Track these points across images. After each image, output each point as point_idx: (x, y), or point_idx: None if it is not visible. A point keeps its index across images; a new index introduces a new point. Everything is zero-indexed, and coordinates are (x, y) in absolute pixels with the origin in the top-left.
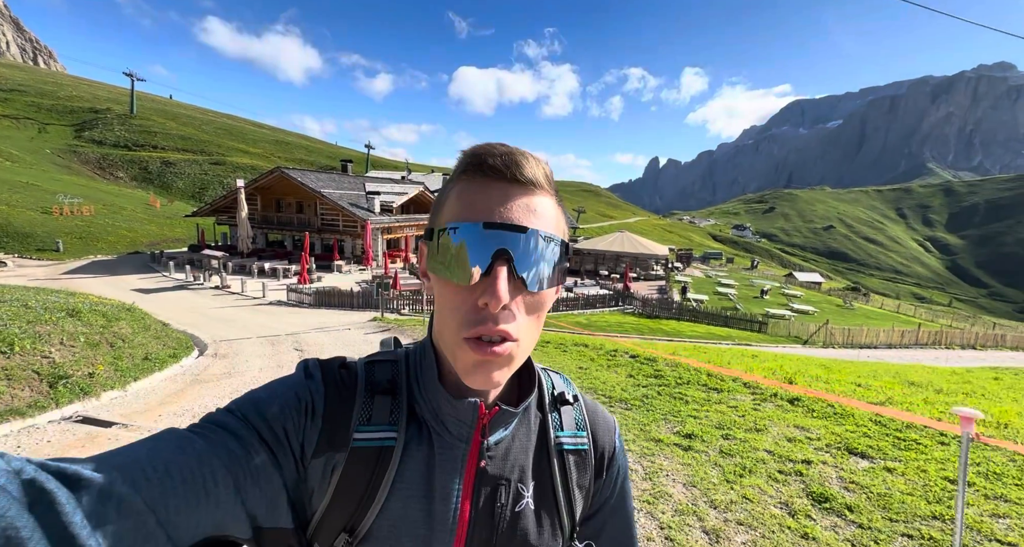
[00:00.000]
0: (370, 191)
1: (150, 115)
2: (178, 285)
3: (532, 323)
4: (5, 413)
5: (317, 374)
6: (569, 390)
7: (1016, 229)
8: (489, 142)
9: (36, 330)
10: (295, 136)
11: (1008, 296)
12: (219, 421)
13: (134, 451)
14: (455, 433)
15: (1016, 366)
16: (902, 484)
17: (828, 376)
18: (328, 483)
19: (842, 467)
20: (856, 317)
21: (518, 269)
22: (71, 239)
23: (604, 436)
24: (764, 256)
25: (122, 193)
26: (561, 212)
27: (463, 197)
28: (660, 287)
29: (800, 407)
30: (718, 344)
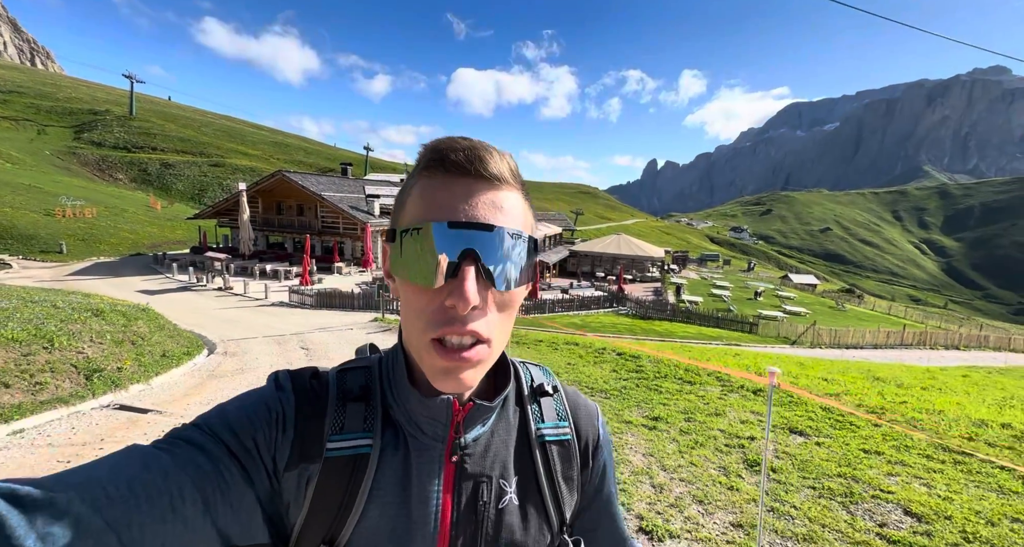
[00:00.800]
0: (370, 194)
1: (149, 117)
2: (182, 287)
3: (503, 321)
4: (53, 401)
5: (287, 385)
6: (548, 381)
7: (1011, 232)
8: (451, 136)
9: (69, 328)
10: (294, 138)
11: (1003, 298)
12: (186, 436)
13: (94, 469)
14: (430, 433)
15: (992, 365)
16: (823, 453)
17: (799, 372)
18: (304, 496)
19: (780, 442)
20: (847, 318)
21: (486, 268)
22: (74, 241)
23: (587, 425)
24: (761, 258)
25: (122, 195)
26: (528, 206)
27: (425, 195)
28: (656, 289)
29: (762, 396)
30: (707, 344)
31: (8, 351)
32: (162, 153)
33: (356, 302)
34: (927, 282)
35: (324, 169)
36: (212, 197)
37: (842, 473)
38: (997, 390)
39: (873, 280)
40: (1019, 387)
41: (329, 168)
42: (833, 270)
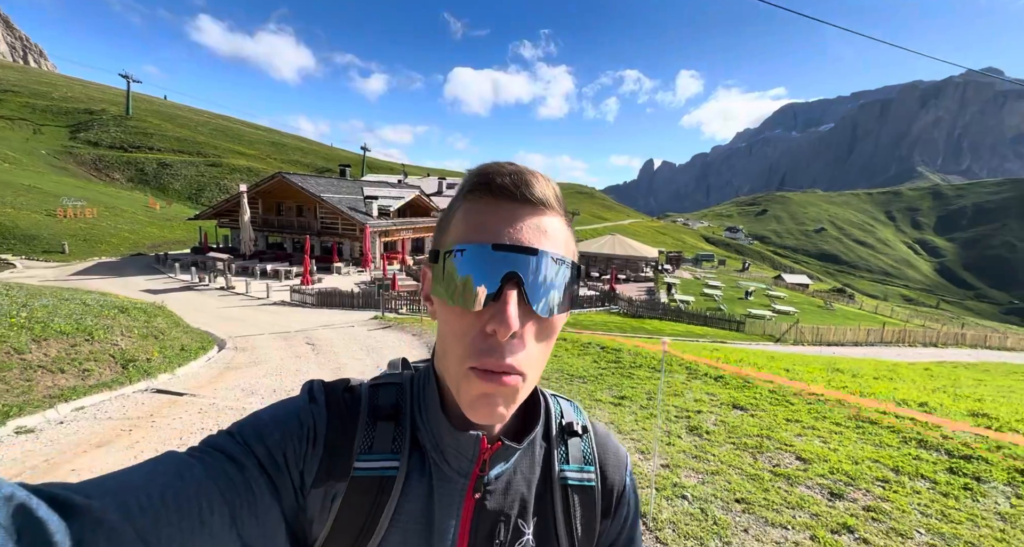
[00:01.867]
0: (368, 195)
1: (145, 116)
2: (184, 286)
3: (541, 352)
4: (100, 385)
5: (321, 398)
6: (579, 420)
7: (1002, 232)
8: (496, 161)
9: (103, 323)
10: (291, 137)
11: (994, 298)
12: (220, 445)
13: (130, 476)
14: (454, 466)
15: (961, 361)
16: (753, 421)
17: (767, 363)
18: (328, 513)
19: (722, 415)
20: (834, 317)
21: (528, 293)
22: (75, 241)
23: (614, 472)
24: (756, 258)
25: (120, 195)
26: (571, 233)
27: (470, 217)
28: (649, 288)
29: (720, 382)
30: (693, 341)
31: (59, 342)
32: (159, 153)
33: (356, 301)
34: (920, 282)
35: (321, 169)
36: (209, 197)
37: (761, 434)
38: (947, 380)
39: (867, 280)
40: (971, 378)
41: (326, 168)
42: (828, 270)
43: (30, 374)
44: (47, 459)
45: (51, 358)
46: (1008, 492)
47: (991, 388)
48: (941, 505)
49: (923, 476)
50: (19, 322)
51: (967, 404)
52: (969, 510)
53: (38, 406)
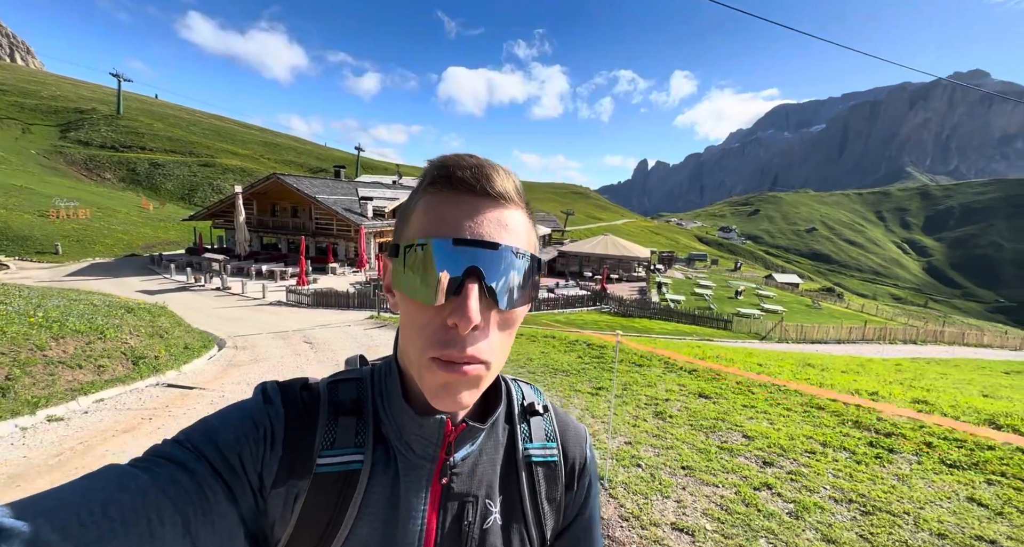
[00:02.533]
0: (363, 197)
1: (137, 116)
2: (180, 287)
3: (503, 341)
4: (114, 380)
5: (276, 398)
6: (539, 400)
7: (989, 232)
8: (457, 153)
9: (112, 322)
10: (284, 137)
11: (981, 297)
12: (166, 454)
13: (66, 492)
14: (420, 452)
15: (935, 357)
16: (714, 407)
17: (742, 359)
18: (291, 512)
19: (687, 402)
20: (820, 316)
21: (489, 287)
22: (69, 242)
23: (574, 447)
24: (748, 258)
25: (113, 195)
26: (532, 225)
27: (431, 211)
28: (641, 288)
29: (693, 375)
30: (680, 338)
31: (75, 340)
32: (151, 153)
33: (352, 301)
34: (909, 281)
35: (315, 169)
36: (202, 197)
37: (717, 417)
38: (912, 374)
39: (857, 279)
40: (937, 372)
41: (320, 168)
42: (819, 269)
43: (52, 369)
44: (81, 442)
45: (69, 355)
46: (912, 460)
47: (951, 381)
48: (851, 470)
49: (846, 448)
50: (37, 321)
51: (915, 393)
52: (873, 473)
53: (62, 398)
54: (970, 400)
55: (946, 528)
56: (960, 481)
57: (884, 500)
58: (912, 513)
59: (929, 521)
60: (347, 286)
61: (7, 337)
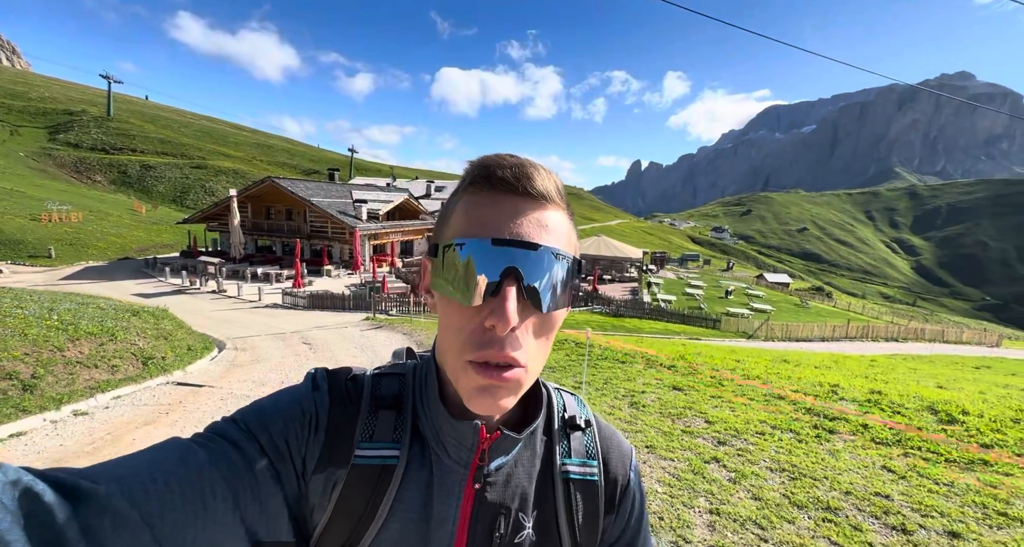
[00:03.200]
0: (357, 199)
1: (127, 117)
2: (176, 290)
3: (541, 346)
4: (127, 379)
5: (324, 385)
6: (582, 413)
7: (974, 231)
8: (498, 153)
9: (121, 325)
10: (277, 139)
11: (968, 295)
12: (223, 431)
13: (135, 462)
14: (454, 456)
15: (912, 353)
16: (684, 398)
17: (723, 356)
18: (328, 500)
19: (660, 394)
20: (808, 315)
21: (528, 289)
22: (61, 246)
23: (617, 466)
24: (740, 258)
25: (104, 198)
26: (572, 227)
27: (470, 211)
28: (633, 288)
29: (672, 370)
30: (668, 337)
31: (89, 342)
32: (142, 155)
33: (347, 303)
34: (898, 280)
35: (308, 170)
36: (195, 199)
37: (686, 406)
38: (882, 369)
39: (847, 278)
40: (908, 367)
41: (313, 170)
42: (810, 269)
43: (71, 368)
44: (109, 433)
45: (85, 355)
46: (848, 439)
47: (919, 375)
48: (792, 447)
49: (792, 430)
50: (53, 324)
51: (874, 385)
52: (809, 449)
53: (83, 395)
54: (921, 390)
55: (854, 488)
56: (881, 454)
57: (811, 469)
58: (831, 478)
59: (842, 483)
60: (342, 288)
61: (29, 339)
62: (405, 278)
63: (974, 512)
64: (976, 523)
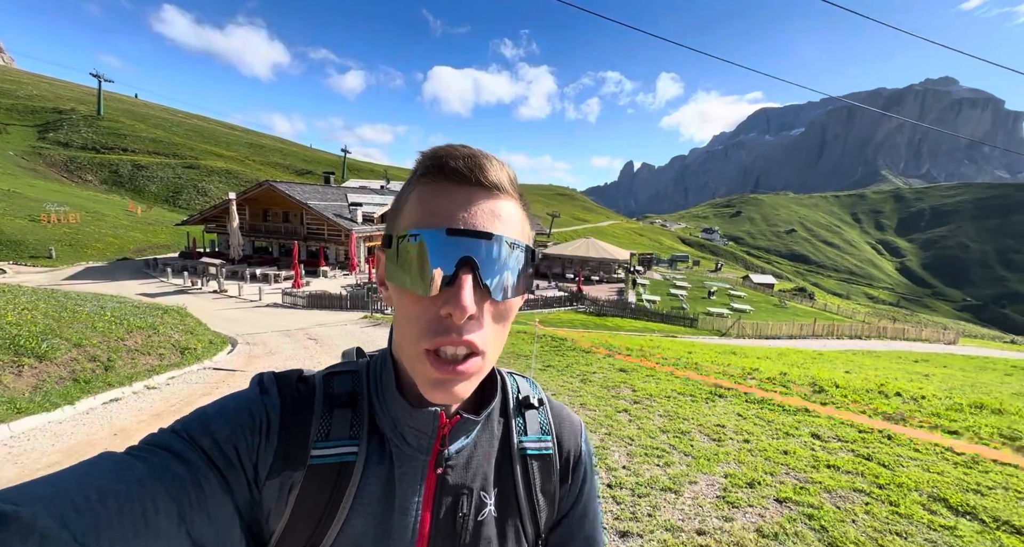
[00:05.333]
0: (352, 202)
1: (117, 116)
2: (178, 290)
3: (498, 332)
4: (172, 365)
5: (272, 389)
6: (534, 394)
7: (956, 233)
8: (450, 143)
9: (158, 321)
10: (269, 138)
11: (950, 296)
12: (162, 443)
13: (62, 479)
14: (414, 444)
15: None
16: (625, 376)
17: (677, 348)
18: (285, 504)
19: (607, 374)
20: (785, 314)
21: (483, 277)
22: (61, 246)
23: (569, 439)
24: (729, 259)
25: (99, 198)
26: (526, 216)
27: (423, 202)
28: (619, 289)
29: (625, 359)
30: (643, 334)
31: (140, 334)
32: (133, 154)
33: (345, 303)
34: (883, 281)
35: (301, 170)
36: (187, 200)
37: (622, 381)
38: (826, 362)
39: (834, 279)
40: (846, 359)
41: (306, 170)
42: (798, 270)
43: (132, 355)
44: (180, 400)
45: (139, 345)
46: (729, 400)
47: (852, 365)
48: (684, 404)
49: (691, 395)
50: (110, 319)
51: (785, 369)
52: (695, 406)
53: (145, 376)
54: (821, 373)
55: (706, 422)
56: (741, 408)
57: (685, 415)
58: (694, 419)
59: (700, 421)
60: (339, 289)
61: (99, 331)
62: None
63: (768, 433)
64: (767, 437)
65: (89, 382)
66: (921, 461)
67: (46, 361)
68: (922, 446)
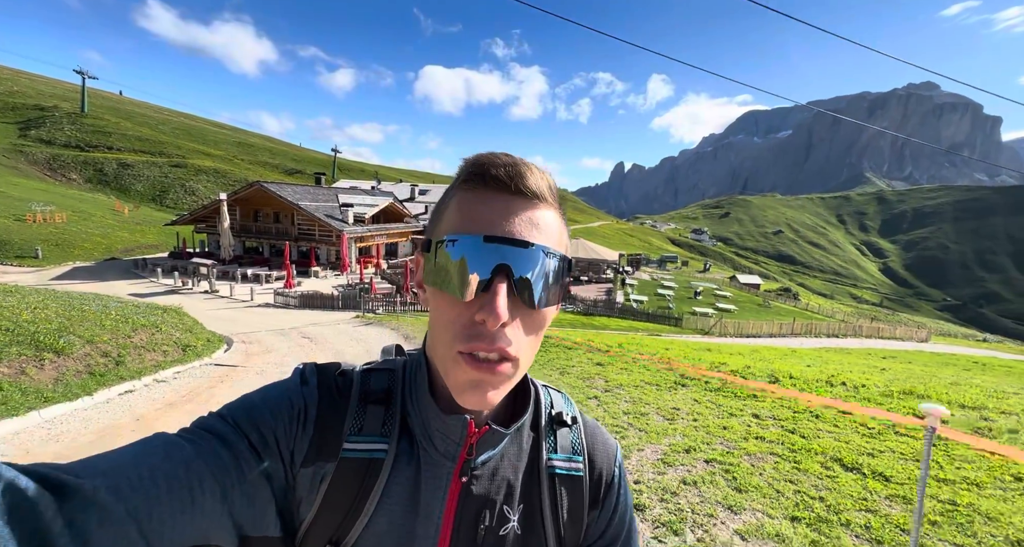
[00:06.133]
0: (344, 203)
1: (102, 114)
2: (169, 290)
3: (530, 342)
4: (176, 361)
5: (313, 380)
6: (568, 410)
7: (937, 235)
8: (492, 151)
9: (160, 319)
10: (258, 137)
11: (931, 296)
12: (210, 426)
13: (120, 456)
14: (441, 450)
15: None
16: (600, 368)
17: (655, 345)
18: (316, 493)
19: (585, 367)
20: (768, 313)
21: (519, 285)
22: (48, 246)
23: (602, 461)
24: (718, 259)
25: (84, 197)
26: (564, 226)
27: (463, 208)
28: (608, 289)
29: (605, 354)
30: (627, 333)
31: (145, 332)
32: (118, 152)
33: (336, 303)
34: (867, 281)
35: (291, 170)
36: (175, 199)
37: (597, 373)
38: (795, 358)
39: (820, 280)
40: (815, 355)
41: (296, 169)
42: (784, 271)
43: (139, 351)
44: (190, 391)
45: (145, 342)
46: (690, 388)
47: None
48: (649, 391)
49: (656, 384)
50: (116, 317)
51: (749, 363)
52: (659, 393)
53: (152, 370)
54: (782, 366)
55: (664, 405)
56: (699, 395)
57: (648, 401)
58: (655, 403)
59: (659, 405)
60: (330, 289)
61: (107, 328)
62: (390, 279)
63: (716, 414)
64: (713, 417)
65: (104, 375)
66: (836, 434)
67: (64, 356)
68: (841, 422)
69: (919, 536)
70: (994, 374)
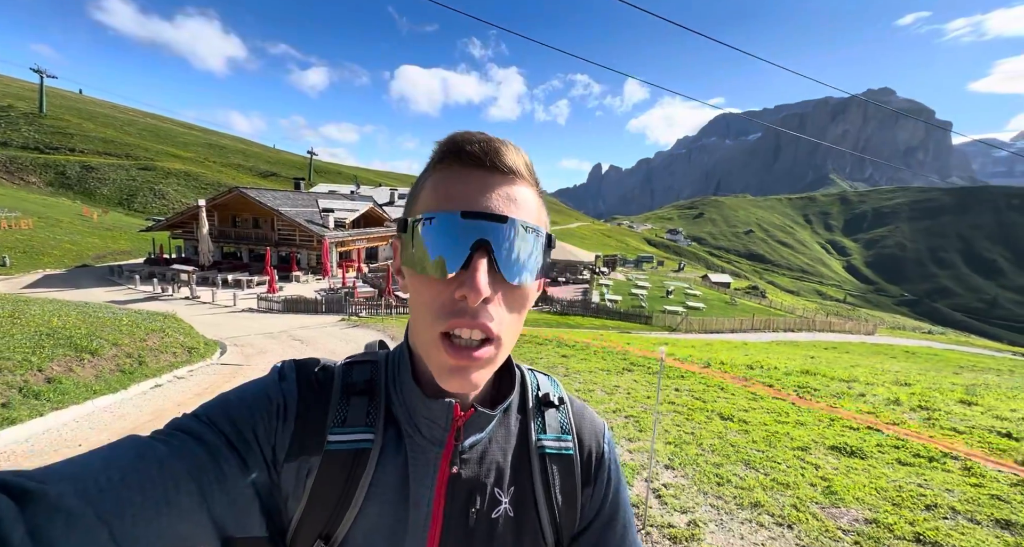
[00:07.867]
0: (324, 208)
1: (62, 114)
2: (148, 297)
3: (513, 319)
4: (184, 362)
5: (291, 375)
6: (555, 392)
7: (895, 234)
8: (467, 130)
9: (164, 325)
10: (229, 138)
11: (890, 292)
12: (184, 426)
13: (88, 460)
14: (428, 436)
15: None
16: (564, 359)
17: (619, 340)
18: (303, 488)
19: (549, 359)
20: (735, 310)
21: (499, 261)
22: (15, 254)
23: (591, 439)
24: (692, 259)
25: (48, 203)
26: (542, 203)
27: (439, 186)
28: (584, 289)
29: (573, 348)
30: (598, 331)
31: (154, 336)
32: (81, 155)
33: (320, 307)
34: (832, 279)
35: (265, 173)
36: (144, 202)
37: (560, 363)
38: (741, 349)
39: (788, 277)
40: (762, 347)
41: (271, 172)
42: (755, 269)
43: (155, 353)
44: (206, 387)
45: (157, 345)
46: (638, 372)
47: (763, 352)
48: (600, 375)
49: (608, 370)
50: (127, 323)
51: (694, 353)
52: (607, 377)
53: (168, 370)
54: (726, 356)
55: (609, 384)
56: (645, 378)
57: (598, 382)
58: (603, 383)
59: (605, 385)
60: (312, 293)
61: (125, 333)
62: (372, 283)
63: (646, 389)
64: (643, 391)
65: (132, 373)
66: (729, 399)
67: (97, 356)
68: (739, 392)
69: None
70: (915, 361)
